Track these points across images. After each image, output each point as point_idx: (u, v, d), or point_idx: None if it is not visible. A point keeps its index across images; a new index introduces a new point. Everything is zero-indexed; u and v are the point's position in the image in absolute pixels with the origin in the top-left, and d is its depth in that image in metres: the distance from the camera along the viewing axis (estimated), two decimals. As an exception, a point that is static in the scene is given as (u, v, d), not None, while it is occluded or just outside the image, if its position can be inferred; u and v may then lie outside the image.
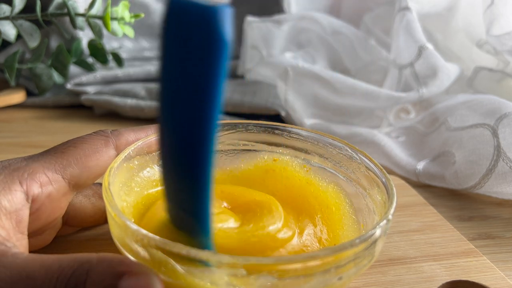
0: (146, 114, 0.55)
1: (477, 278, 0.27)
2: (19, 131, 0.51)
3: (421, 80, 0.53)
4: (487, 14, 0.51)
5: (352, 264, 0.20)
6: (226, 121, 0.31)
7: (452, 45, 0.60)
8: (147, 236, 0.19)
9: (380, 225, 0.21)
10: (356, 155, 0.28)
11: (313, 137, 0.30)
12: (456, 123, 0.43)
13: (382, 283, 0.27)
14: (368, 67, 0.62)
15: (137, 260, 0.20)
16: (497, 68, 0.54)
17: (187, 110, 0.16)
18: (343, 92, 0.53)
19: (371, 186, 0.27)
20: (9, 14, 0.48)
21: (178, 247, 0.18)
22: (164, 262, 0.19)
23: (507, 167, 0.37)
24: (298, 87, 0.55)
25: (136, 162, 0.27)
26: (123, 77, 0.62)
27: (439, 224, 0.34)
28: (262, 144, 0.31)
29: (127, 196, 0.26)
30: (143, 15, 0.56)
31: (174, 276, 0.19)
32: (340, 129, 0.50)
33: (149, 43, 0.76)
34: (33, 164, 0.23)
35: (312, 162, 0.30)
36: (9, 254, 0.19)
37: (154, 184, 0.28)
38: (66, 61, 0.56)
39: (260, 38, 0.64)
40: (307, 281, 0.19)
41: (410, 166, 0.44)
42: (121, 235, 0.21)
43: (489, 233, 0.36)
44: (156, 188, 0.28)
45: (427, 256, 0.30)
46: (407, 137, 0.50)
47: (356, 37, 0.63)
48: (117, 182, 0.25)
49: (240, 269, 0.18)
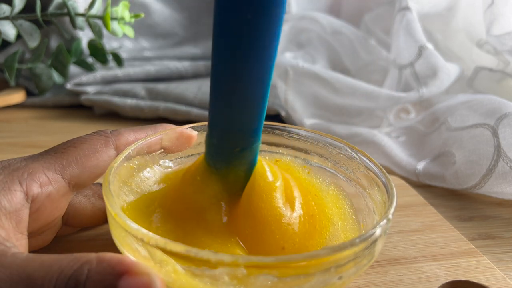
0: (146, 114, 0.55)
1: (477, 278, 0.27)
2: (19, 131, 0.51)
3: (421, 80, 0.53)
4: (487, 14, 0.51)
5: (352, 263, 0.20)
6: None
7: (452, 45, 0.60)
8: (148, 235, 0.19)
9: (380, 224, 0.21)
10: (356, 155, 0.28)
11: (313, 137, 0.30)
12: (456, 123, 0.43)
13: (382, 283, 0.27)
14: (368, 67, 0.62)
15: (137, 260, 0.20)
16: (497, 68, 0.54)
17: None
18: (343, 92, 0.53)
19: (371, 186, 0.27)
20: (9, 14, 0.48)
21: (178, 246, 0.18)
22: (164, 262, 0.19)
23: (507, 167, 0.37)
24: (298, 87, 0.55)
25: (136, 162, 0.27)
26: (123, 77, 0.62)
27: (439, 224, 0.34)
28: (262, 144, 0.31)
29: (127, 196, 0.26)
30: (143, 15, 0.56)
31: (175, 275, 0.19)
32: (340, 129, 0.50)
33: (149, 43, 0.76)
34: (32, 164, 0.23)
35: (312, 162, 0.30)
36: (8, 254, 0.19)
37: (154, 184, 0.28)
38: (66, 61, 0.56)
39: (260, 38, 0.63)
40: (307, 281, 0.19)
41: (410, 166, 0.44)
42: (121, 234, 0.21)
43: (489, 233, 0.36)
44: (156, 188, 0.28)
45: (427, 256, 0.30)
46: (407, 137, 0.50)
47: (356, 37, 0.63)
48: (117, 182, 0.25)
49: (240, 268, 0.18)
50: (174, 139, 0.29)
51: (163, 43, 0.77)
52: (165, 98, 0.57)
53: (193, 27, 0.79)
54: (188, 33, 0.79)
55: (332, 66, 0.64)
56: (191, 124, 0.30)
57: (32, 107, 0.58)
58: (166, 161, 0.29)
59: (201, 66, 0.67)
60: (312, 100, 0.55)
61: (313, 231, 0.25)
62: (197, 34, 0.79)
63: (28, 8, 0.50)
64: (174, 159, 0.30)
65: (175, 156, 0.30)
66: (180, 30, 0.78)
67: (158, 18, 0.76)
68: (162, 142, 0.28)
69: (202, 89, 0.59)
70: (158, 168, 0.29)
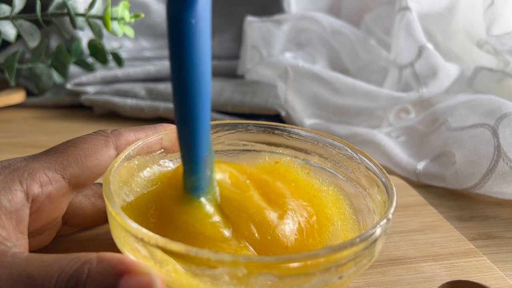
0: (146, 114, 0.55)
1: (477, 278, 0.27)
2: (19, 131, 0.51)
3: (421, 80, 0.53)
4: (487, 14, 0.51)
5: (352, 263, 0.20)
6: (226, 121, 0.31)
7: (452, 45, 0.60)
8: (148, 234, 0.19)
9: (380, 224, 0.21)
10: (356, 155, 0.28)
11: (313, 137, 0.30)
12: (456, 123, 0.43)
13: (382, 283, 0.27)
14: (368, 67, 0.62)
15: (137, 259, 0.20)
16: (497, 68, 0.54)
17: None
18: (343, 92, 0.53)
19: (371, 186, 0.27)
20: (9, 14, 0.48)
21: (179, 246, 0.18)
22: (164, 261, 0.19)
23: (507, 167, 0.37)
24: (298, 87, 0.55)
25: (136, 162, 0.27)
26: (123, 77, 0.62)
27: (439, 224, 0.34)
28: (262, 144, 0.31)
29: (127, 196, 0.26)
30: (143, 15, 0.56)
31: (175, 275, 0.19)
32: (340, 129, 0.50)
33: (149, 43, 0.76)
34: (33, 164, 0.23)
35: (312, 162, 0.30)
36: (9, 254, 0.19)
37: (154, 184, 0.28)
38: (66, 61, 0.56)
39: (260, 38, 0.64)
40: (307, 280, 0.19)
41: (410, 166, 0.44)
42: (121, 234, 0.21)
43: (489, 233, 0.36)
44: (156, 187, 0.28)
45: (427, 256, 0.30)
46: (407, 137, 0.50)
47: (356, 37, 0.63)
48: (118, 182, 0.25)
49: (240, 268, 0.18)
50: (174, 139, 0.29)
51: (163, 43, 0.77)
52: (165, 98, 0.57)
53: (193, 27, 0.79)
54: (188, 33, 0.79)
55: (332, 66, 0.64)
56: None
57: (32, 107, 0.58)
58: (166, 161, 0.29)
59: (201, 66, 0.67)
60: (312, 100, 0.55)
61: (312, 230, 0.25)
62: (197, 34, 0.79)
63: (28, 8, 0.50)
64: (174, 159, 0.30)
65: (175, 156, 0.30)
66: (180, 30, 0.78)
67: (158, 18, 0.76)
68: (162, 142, 0.28)
69: (202, 89, 0.58)
70: (158, 168, 0.29)
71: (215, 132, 0.31)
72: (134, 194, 0.26)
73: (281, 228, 0.24)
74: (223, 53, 0.76)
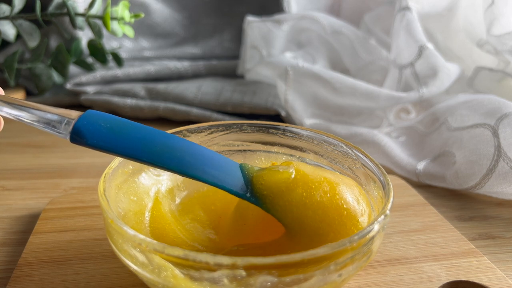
0: (145, 114, 0.55)
1: (478, 278, 0.27)
2: (19, 131, 0.51)
3: (421, 80, 0.52)
4: (487, 14, 0.51)
5: (352, 260, 0.20)
6: (220, 122, 0.31)
7: (453, 45, 0.60)
8: (145, 240, 0.19)
9: (378, 220, 0.21)
10: (351, 151, 0.28)
11: (308, 135, 0.30)
12: (456, 123, 0.43)
13: (382, 283, 0.27)
14: (368, 67, 0.62)
15: (136, 266, 0.20)
16: (498, 68, 0.54)
17: None
18: (343, 92, 0.53)
19: (368, 182, 0.27)
20: (9, 14, 0.48)
21: (176, 250, 0.18)
22: (163, 267, 0.19)
23: (508, 167, 0.37)
24: (298, 87, 0.55)
25: (131, 167, 0.27)
26: (123, 77, 0.62)
27: (439, 224, 0.33)
28: (257, 143, 0.31)
29: (122, 202, 0.26)
30: (143, 15, 0.56)
31: (174, 280, 0.19)
32: (340, 129, 0.50)
33: (149, 43, 0.76)
34: None
35: (307, 160, 0.30)
36: None
37: (149, 189, 0.27)
38: (66, 61, 0.56)
39: (260, 38, 0.64)
40: (307, 279, 0.19)
41: (411, 166, 0.43)
42: (118, 241, 0.21)
43: (490, 233, 0.35)
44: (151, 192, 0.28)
45: (427, 256, 0.29)
46: (407, 137, 0.50)
47: (356, 37, 0.63)
48: (113, 188, 0.25)
49: (239, 270, 0.18)
50: None
51: (163, 43, 0.77)
52: (165, 98, 0.57)
53: (193, 27, 0.79)
54: (188, 33, 0.79)
55: (332, 66, 0.64)
56: (188, 126, 0.30)
57: (32, 107, 0.58)
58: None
59: (200, 66, 0.67)
60: (312, 100, 0.55)
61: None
62: (197, 34, 0.79)
63: (28, 8, 0.50)
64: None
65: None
66: (180, 30, 0.78)
67: (158, 18, 0.76)
68: None
69: (202, 89, 0.58)
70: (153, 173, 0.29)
71: (209, 133, 0.30)
72: (129, 200, 0.26)
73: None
74: (223, 53, 0.76)
